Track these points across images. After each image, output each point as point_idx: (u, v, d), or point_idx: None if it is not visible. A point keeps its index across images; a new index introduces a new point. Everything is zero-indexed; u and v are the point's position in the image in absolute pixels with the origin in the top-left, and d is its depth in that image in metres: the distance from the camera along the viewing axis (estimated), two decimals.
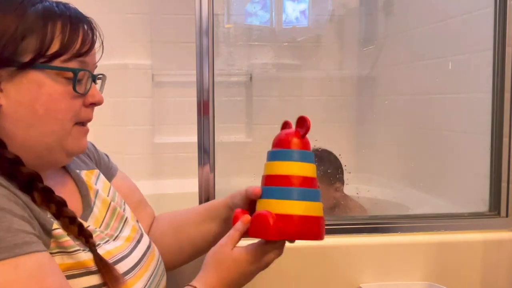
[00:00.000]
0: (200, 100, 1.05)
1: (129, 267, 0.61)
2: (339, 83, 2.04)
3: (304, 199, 0.64)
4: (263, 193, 0.68)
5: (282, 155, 0.67)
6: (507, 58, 1.14)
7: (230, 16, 2.08)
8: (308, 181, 0.66)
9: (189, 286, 0.62)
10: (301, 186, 0.65)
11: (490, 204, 1.18)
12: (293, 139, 0.66)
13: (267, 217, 0.62)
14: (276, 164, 0.67)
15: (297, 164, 0.66)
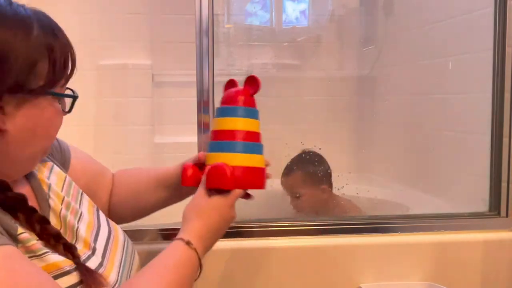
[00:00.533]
0: (200, 100, 1.05)
1: (96, 265, 0.61)
2: (339, 83, 2.04)
3: (249, 152, 0.71)
4: (212, 147, 0.73)
5: (229, 111, 0.72)
6: (507, 58, 1.15)
7: (230, 16, 2.08)
8: (253, 136, 0.72)
9: (178, 240, 0.64)
10: (246, 140, 0.71)
11: (490, 204, 1.18)
12: (240, 96, 0.72)
13: (223, 168, 0.67)
14: (224, 120, 0.72)
15: (242, 120, 0.72)
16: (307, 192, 1.44)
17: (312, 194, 1.45)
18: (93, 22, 1.92)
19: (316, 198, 1.45)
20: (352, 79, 2.07)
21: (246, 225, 1.08)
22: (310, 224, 1.10)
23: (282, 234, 1.08)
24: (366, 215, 1.25)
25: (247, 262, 1.05)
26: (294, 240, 1.07)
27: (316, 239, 1.08)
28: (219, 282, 1.04)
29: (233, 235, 1.07)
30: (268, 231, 1.08)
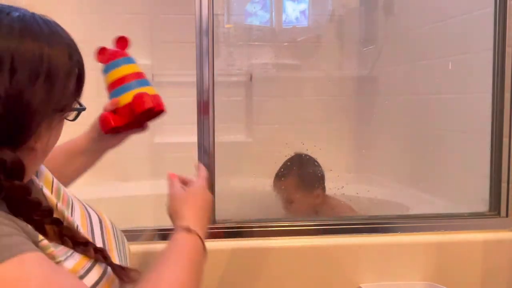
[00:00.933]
0: (200, 100, 1.05)
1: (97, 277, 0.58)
2: (339, 83, 2.04)
3: (146, 85, 0.87)
4: (119, 91, 0.86)
5: (118, 63, 0.88)
6: (507, 58, 1.15)
7: (230, 16, 2.08)
8: (141, 74, 0.89)
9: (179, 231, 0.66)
10: (140, 78, 0.88)
11: (490, 204, 1.18)
12: (116, 52, 0.90)
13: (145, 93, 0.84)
14: (118, 70, 0.88)
15: (131, 65, 0.89)
16: (300, 199, 1.43)
17: (305, 200, 1.44)
18: (93, 22, 1.92)
19: (309, 204, 1.44)
20: (352, 79, 2.07)
21: (246, 225, 1.08)
22: (310, 224, 1.10)
23: (282, 234, 1.08)
24: (366, 215, 1.25)
25: (247, 262, 1.05)
26: (294, 240, 1.07)
27: (316, 239, 1.08)
28: (219, 282, 1.04)
29: (233, 235, 1.07)
30: (268, 231, 1.08)
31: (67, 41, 0.55)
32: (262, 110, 2.02)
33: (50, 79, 0.51)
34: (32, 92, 0.49)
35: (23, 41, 0.49)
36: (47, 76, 0.50)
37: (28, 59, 0.49)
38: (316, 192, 1.45)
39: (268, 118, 1.93)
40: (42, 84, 0.50)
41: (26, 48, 0.49)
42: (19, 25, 0.50)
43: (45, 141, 0.54)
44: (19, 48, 0.48)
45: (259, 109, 2.02)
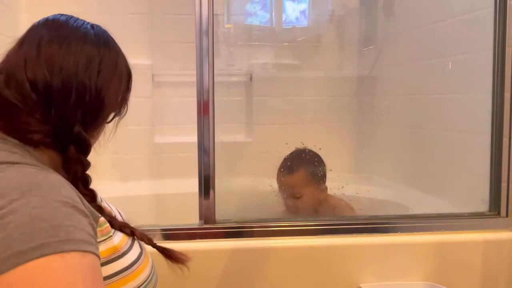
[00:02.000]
0: (200, 100, 1.05)
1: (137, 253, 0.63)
2: (339, 83, 2.04)
3: None
4: None
5: None
6: (507, 58, 1.15)
7: (230, 16, 2.08)
8: None
9: None
10: None
11: (490, 204, 1.18)
12: None
13: None
14: None
15: None
16: (307, 192, 1.42)
17: (312, 194, 1.44)
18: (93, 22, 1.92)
19: (315, 197, 1.44)
20: (352, 79, 2.07)
21: (246, 225, 1.08)
22: (310, 224, 1.10)
23: (282, 234, 1.08)
24: (366, 215, 1.25)
25: (247, 262, 1.05)
26: (294, 240, 1.07)
27: (316, 239, 1.08)
28: (219, 282, 1.04)
29: (233, 235, 1.07)
30: (268, 231, 1.08)
31: (122, 52, 0.68)
32: (262, 110, 2.01)
33: (119, 81, 0.64)
34: (109, 88, 0.61)
35: (106, 48, 0.62)
36: (118, 78, 0.64)
37: (108, 63, 0.62)
38: (322, 186, 1.44)
39: (268, 118, 1.93)
40: (116, 83, 0.63)
41: (108, 54, 0.62)
42: (103, 36, 0.64)
43: (101, 130, 0.65)
44: (105, 54, 0.61)
45: (259, 109, 2.02)
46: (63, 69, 0.56)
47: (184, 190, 1.51)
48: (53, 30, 0.60)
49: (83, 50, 0.59)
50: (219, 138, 1.08)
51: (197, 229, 1.07)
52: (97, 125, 0.62)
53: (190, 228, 1.07)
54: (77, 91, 0.57)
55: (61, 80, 0.56)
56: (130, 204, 1.29)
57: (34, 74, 0.55)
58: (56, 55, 0.57)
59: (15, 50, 0.60)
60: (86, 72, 0.58)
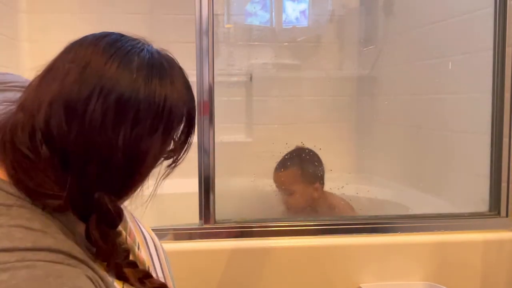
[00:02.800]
0: (200, 100, 1.05)
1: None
2: (339, 83, 2.04)
3: None
4: None
5: None
6: (507, 58, 1.15)
7: (230, 16, 2.08)
8: None
9: None
10: None
11: (490, 204, 1.18)
12: None
13: None
14: None
15: None
16: (299, 190, 1.43)
17: (304, 192, 1.44)
18: (93, 22, 1.92)
19: (307, 196, 1.44)
20: (352, 79, 2.07)
21: (246, 225, 1.08)
22: (310, 224, 1.10)
23: (282, 234, 1.08)
24: (366, 215, 1.25)
25: (247, 262, 1.05)
26: (294, 240, 1.07)
27: (316, 239, 1.08)
28: (219, 282, 1.04)
29: (233, 235, 1.07)
30: (268, 231, 1.08)
31: (184, 83, 0.52)
32: (262, 110, 2.01)
33: (167, 130, 0.48)
34: (149, 144, 0.46)
35: (150, 87, 0.45)
36: (164, 128, 0.47)
37: (152, 109, 0.45)
38: (315, 184, 1.45)
39: (268, 118, 1.93)
40: (160, 136, 0.47)
41: (152, 96, 0.45)
42: (148, 68, 0.46)
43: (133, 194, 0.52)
44: (146, 95, 0.45)
45: (259, 109, 2.02)
46: (85, 120, 0.42)
47: (184, 190, 1.51)
48: (85, 61, 0.44)
49: (114, 92, 0.43)
50: (219, 138, 1.08)
51: (197, 229, 1.07)
52: (132, 190, 0.49)
53: (190, 228, 1.08)
54: (100, 152, 0.43)
55: (81, 136, 0.42)
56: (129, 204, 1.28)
57: (49, 123, 0.42)
58: (81, 99, 0.42)
59: (39, 82, 0.45)
60: (116, 128, 0.43)
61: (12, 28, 1.81)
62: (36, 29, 1.88)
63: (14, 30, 1.83)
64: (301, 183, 1.44)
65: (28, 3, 1.87)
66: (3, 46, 1.73)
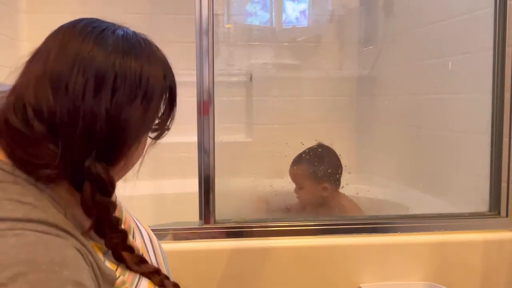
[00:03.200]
0: (200, 100, 1.05)
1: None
2: (339, 83, 2.04)
3: None
4: None
5: None
6: (507, 58, 1.15)
7: (230, 16, 2.08)
8: None
9: None
10: None
11: (490, 204, 1.18)
12: None
13: None
14: None
15: None
16: (307, 187, 1.45)
17: (312, 189, 1.45)
18: None
19: (315, 194, 1.45)
20: (352, 79, 2.07)
21: (246, 225, 1.08)
22: (310, 224, 1.10)
23: (282, 234, 1.08)
24: (366, 215, 1.25)
25: (247, 262, 1.05)
26: (294, 240, 1.07)
27: (316, 239, 1.08)
28: (219, 282, 1.04)
29: (233, 235, 1.07)
30: (268, 231, 1.08)
31: (162, 60, 0.57)
32: (262, 110, 2.02)
33: (146, 100, 0.52)
34: (130, 112, 0.50)
35: (125, 60, 0.50)
36: (143, 97, 0.51)
37: (129, 79, 0.50)
38: (324, 184, 1.45)
39: (268, 118, 1.93)
40: (139, 105, 0.51)
41: (128, 67, 0.50)
42: (126, 43, 0.52)
43: (131, 160, 0.55)
44: (122, 67, 0.50)
45: (259, 109, 2.02)
46: (69, 91, 0.47)
47: (184, 190, 1.51)
48: (64, 41, 0.50)
49: (92, 65, 0.48)
50: (219, 138, 1.08)
51: (197, 229, 1.07)
52: (119, 158, 0.51)
53: (190, 228, 1.08)
54: (84, 120, 0.47)
55: (66, 106, 0.46)
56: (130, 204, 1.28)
57: (37, 98, 0.47)
58: (63, 73, 0.47)
59: (26, 66, 0.51)
60: (96, 95, 0.47)
61: (12, 28, 1.81)
62: (36, 29, 1.87)
63: (14, 30, 1.83)
64: (309, 181, 1.46)
65: (28, 3, 1.87)
66: (3, 46, 1.73)
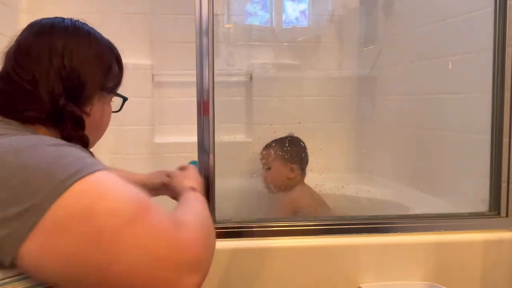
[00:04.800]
0: (200, 100, 1.05)
1: None
2: (339, 83, 2.04)
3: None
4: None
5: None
6: (507, 58, 1.15)
7: (230, 16, 2.08)
8: None
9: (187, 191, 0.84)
10: None
11: (490, 204, 1.18)
12: None
13: None
14: None
15: None
16: (275, 166, 1.50)
17: (280, 168, 1.50)
18: (93, 22, 1.92)
19: (283, 174, 1.49)
20: (352, 79, 2.07)
21: (246, 225, 1.08)
22: (310, 224, 1.10)
23: (282, 234, 1.08)
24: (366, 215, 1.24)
25: (247, 262, 1.05)
26: (294, 240, 1.07)
27: (316, 239, 1.08)
28: (219, 282, 1.04)
29: (233, 235, 1.07)
30: (268, 231, 1.08)
31: (106, 39, 0.77)
32: (262, 110, 2.02)
33: (97, 60, 0.71)
34: (83, 67, 0.68)
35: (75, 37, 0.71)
36: (94, 57, 0.71)
37: (80, 47, 0.70)
38: (292, 165, 1.49)
39: (268, 118, 1.93)
40: (91, 63, 0.70)
41: (78, 40, 0.70)
42: (72, 27, 0.72)
43: (98, 114, 0.73)
44: (73, 39, 0.69)
45: (259, 109, 2.02)
46: (40, 56, 0.66)
47: None
48: (31, 27, 0.72)
49: (52, 38, 0.68)
50: (219, 138, 1.08)
51: None
52: (84, 98, 0.69)
53: None
54: (54, 71, 0.66)
55: (39, 65, 0.66)
56: None
57: (17, 63, 0.67)
58: (32, 45, 0.68)
59: (6, 50, 0.72)
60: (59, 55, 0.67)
61: (12, 28, 1.81)
62: None
63: (14, 30, 1.83)
64: (278, 160, 1.51)
65: (28, 3, 1.87)
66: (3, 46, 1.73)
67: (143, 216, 0.51)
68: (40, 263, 0.48)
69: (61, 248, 0.48)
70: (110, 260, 0.48)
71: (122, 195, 0.52)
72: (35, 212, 0.47)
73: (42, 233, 0.47)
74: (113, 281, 0.49)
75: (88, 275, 0.49)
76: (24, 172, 0.49)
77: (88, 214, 0.48)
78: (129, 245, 0.49)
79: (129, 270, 0.49)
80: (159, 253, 0.50)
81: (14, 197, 0.48)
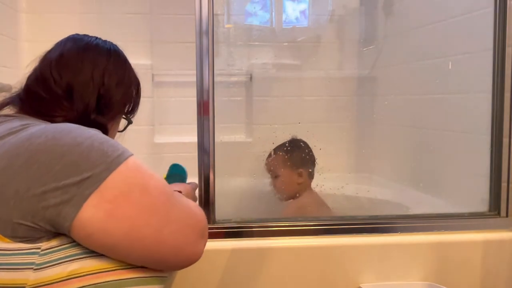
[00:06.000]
0: (200, 100, 1.05)
1: None
2: (339, 83, 2.04)
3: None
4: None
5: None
6: (507, 58, 1.15)
7: (230, 16, 2.08)
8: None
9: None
10: None
11: (490, 204, 1.18)
12: None
13: None
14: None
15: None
16: (283, 173, 1.49)
17: (288, 175, 1.48)
18: (93, 22, 1.92)
19: (292, 180, 1.48)
20: (352, 79, 2.07)
21: (246, 225, 1.08)
22: (310, 224, 1.10)
23: (282, 234, 1.08)
24: (366, 215, 1.25)
25: (247, 262, 1.05)
26: (294, 240, 1.07)
27: (316, 239, 1.08)
28: (219, 282, 1.04)
29: (233, 235, 1.07)
30: (268, 231, 1.08)
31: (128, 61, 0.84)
32: (262, 110, 2.02)
33: (128, 84, 0.80)
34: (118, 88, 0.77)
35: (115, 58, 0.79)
36: (127, 81, 0.80)
37: (119, 70, 0.78)
38: (299, 169, 1.48)
39: (268, 118, 1.94)
40: (125, 86, 0.79)
41: (118, 63, 0.79)
42: (114, 50, 0.80)
43: (114, 127, 0.82)
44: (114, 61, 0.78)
45: (259, 109, 2.03)
46: (83, 69, 0.72)
47: None
48: (76, 41, 0.77)
49: (96, 56, 0.75)
50: (219, 138, 1.08)
51: None
52: (111, 115, 0.77)
53: None
54: (94, 86, 0.72)
55: (80, 77, 0.71)
56: None
57: (58, 72, 0.71)
58: (76, 58, 0.73)
59: (44, 56, 0.75)
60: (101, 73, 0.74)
61: (12, 28, 1.81)
62: (36, 29, 1.88)
63: (14, 30, 1.83)
64: (286, 167, 1.50)
65: (28, 3, 1.87)
66: (3, 46, 1.73)
67: (173, 195, 0.65)
68: (103, 226, 0.55)
69: (126, 212, 0.57)
70: (164, 223, 0.61)
71: (158, 177, 0.64)
72: (95, 180, 0.55)
73: (102, 197, 0.55)
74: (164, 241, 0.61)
75: (144, 238, 0.59)
76: (80, 148, 0.57)
77: (145, 188, 0.60)
78: (173, 215, 0.62)
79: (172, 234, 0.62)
80: (189, 223, 0.65)
81: (74, 169, 0.55)
